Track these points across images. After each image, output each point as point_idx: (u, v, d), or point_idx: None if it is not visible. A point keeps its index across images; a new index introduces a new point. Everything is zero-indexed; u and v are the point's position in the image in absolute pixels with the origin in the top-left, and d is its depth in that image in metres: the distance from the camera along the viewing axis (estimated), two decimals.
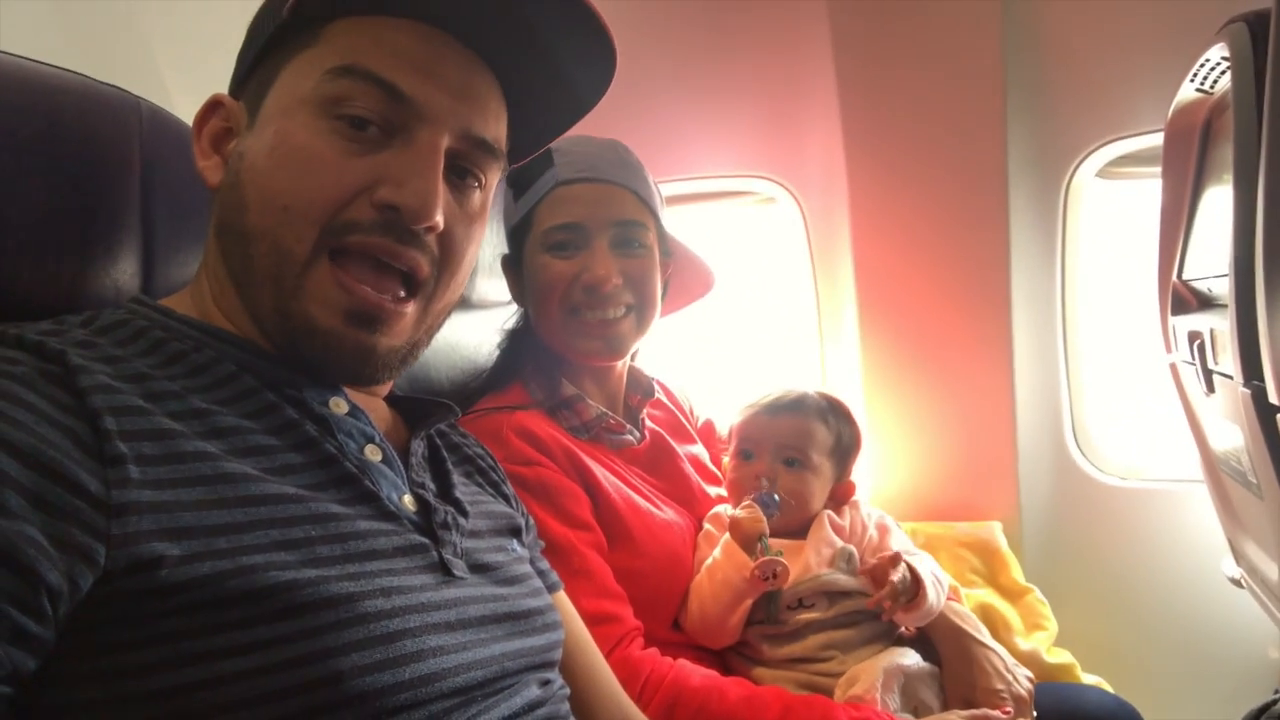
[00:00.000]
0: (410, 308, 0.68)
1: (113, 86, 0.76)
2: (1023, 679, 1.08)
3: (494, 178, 0.74)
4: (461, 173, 0.70)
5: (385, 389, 0.80)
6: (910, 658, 1.07)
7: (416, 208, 0.64)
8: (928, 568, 1.11)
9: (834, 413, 1.22)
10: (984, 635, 1.12)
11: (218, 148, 0.71)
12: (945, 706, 1.06)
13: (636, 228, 1.13)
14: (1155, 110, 1.33)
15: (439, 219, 0.65)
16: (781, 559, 1.05)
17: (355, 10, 0.66)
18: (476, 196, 0.72)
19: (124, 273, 0.75)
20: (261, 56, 0.69)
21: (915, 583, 1.07)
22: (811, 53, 1.67)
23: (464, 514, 0.73)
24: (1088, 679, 1.40)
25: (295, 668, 0.53)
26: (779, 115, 1.79)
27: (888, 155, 1.72)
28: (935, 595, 1.09)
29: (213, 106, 0.72)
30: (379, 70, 0.64)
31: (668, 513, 1.14)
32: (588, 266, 1.10)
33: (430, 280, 0.69)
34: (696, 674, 0.99)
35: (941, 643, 1.12)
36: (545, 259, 1.12)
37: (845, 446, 1.22)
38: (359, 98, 0.64)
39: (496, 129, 0.72)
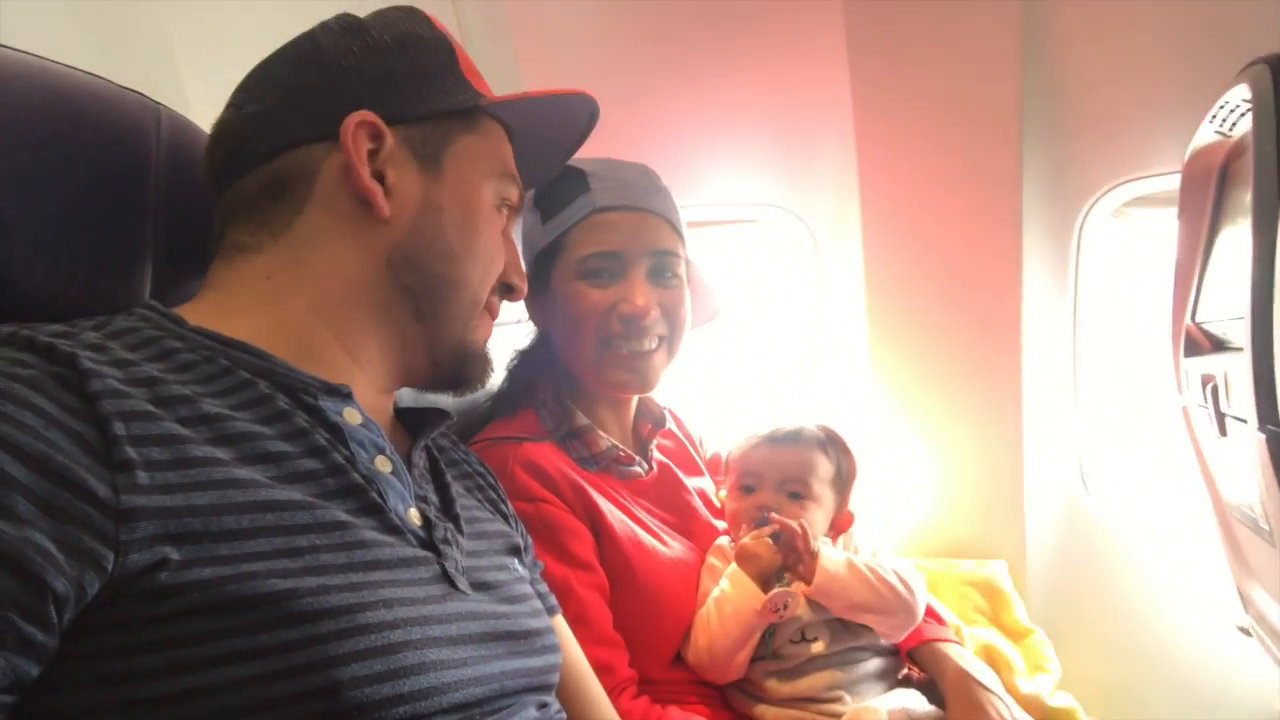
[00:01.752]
0: None
1: (133, 91, 0.76)
2: None
3: None
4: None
5: (393, 398, 0.80)
6: (916, 701, 1.05)
7: (525, 290, 0.85)
8: (857, 559, 1.09)
9: (832, 443, 1.21)
10: (989, 680, 1.09)
11: (374, 174, 0.72)
12: None
13: (671, 257, 1.12)
14: (1173, 152, 1.32)
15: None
16: (792, 589, 1.03)
17: (493, 111, 0.81)
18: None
19: (138, 278, 0.75)
20: (424, 109, 0.75)
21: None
22: (826, 80, 1.68)
23: (461, 531, 0.73)
24: None
25: (294, 676, 0.52)
26: (789, 141, 1.80)
27: (902, 190, 1.72)
28: (848, 573, 1.06)
29: (364, 125, 0.71)
30: (516, 185, 0.83)
31: (674, 547, 1.13)
32: (625, 297, 1.08)
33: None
34: None
35: (947, 686, 1.09)
36: (580, 286, 1.10)
37: (844, 477, 1.21)
38: (513, 198, 0.82)
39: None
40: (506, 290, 0.83)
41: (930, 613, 1.18)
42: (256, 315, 0.68)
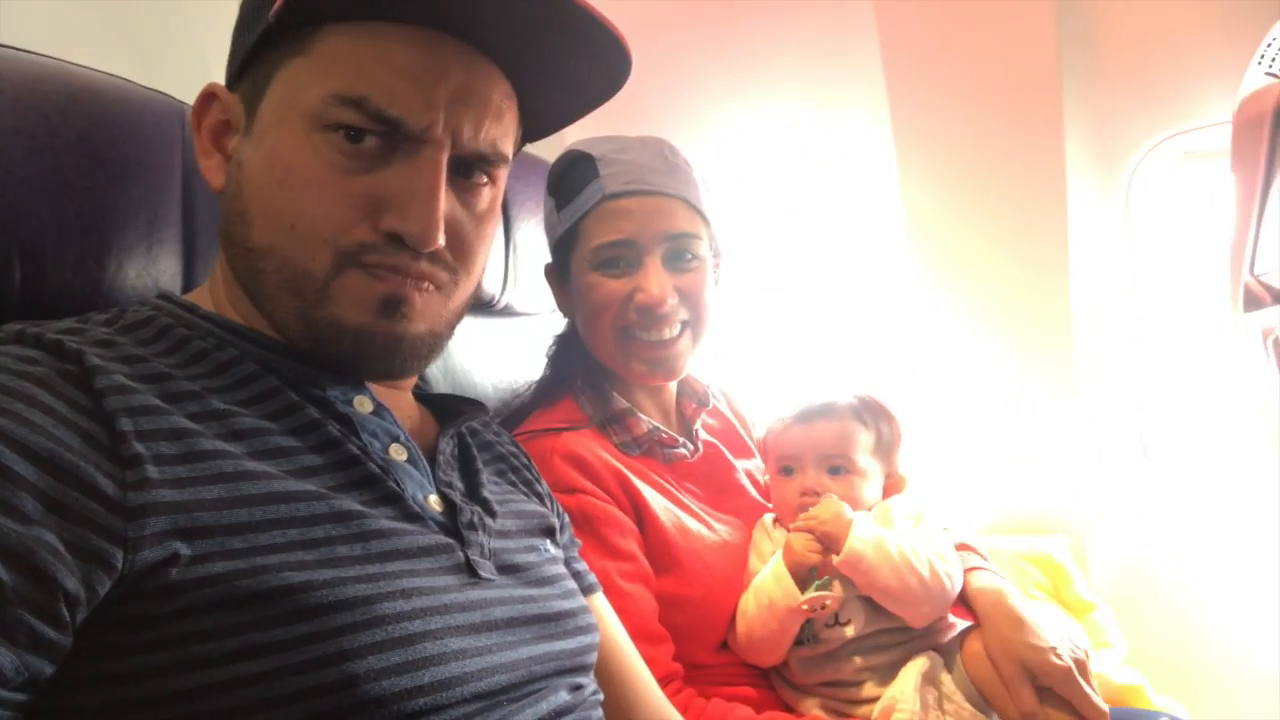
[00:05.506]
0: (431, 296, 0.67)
1: (156, 91, 0.78)
2: (1079, 642, 0.99)
3: (502, 175, 0.72)
4: (467, 171, 0.68)
5: (411, 383, 0.79)
6: (934, 662, 1.02)
7: (419, 235, 0.63)
8: (892, 537, 1.04)
9: (868, 410, 1.16)
10: (1021, 597, 1.04)
11: (218, 144, 0.68)
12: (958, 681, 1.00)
13: (689, 239, 1.08)
14: (1222, 100, 1.27)
15: (441, 241, 0.64)
16: (831, 592, 1.00)
17: (350, 15, 0.63)
18: (485, 194, 0.70)
19: (164, 274, 0.77)
20: (254, 52, 0.65)
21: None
22: (858, 51, 1.64)
23: (491, 514, 0.72)
24: (1159, 702, 1.33)
25: (309, 671, 0.52)
26: (819, 100, 1.75)
27: (940, 159, 1.67)
28: (876, 555, 1.01)
29: (208, 98, 0.68)
30: (383, 105, 0.62)
31: (720, 531, 1.11)
32: (641, 286, 1.05)
33: (448, 282, 0.69)
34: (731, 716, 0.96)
35: (979, 608, 1.03)
36: (595, 277, 1.07)
37: (886, 442, 1.16)
38: (362, 124, 0.62)
39: (501, 128, 0.69)
40: (395, 240, 0.63)
41: (961, 546, 1.13)
42: (241, 300, 0.68)
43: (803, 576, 1.03)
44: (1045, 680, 0.95)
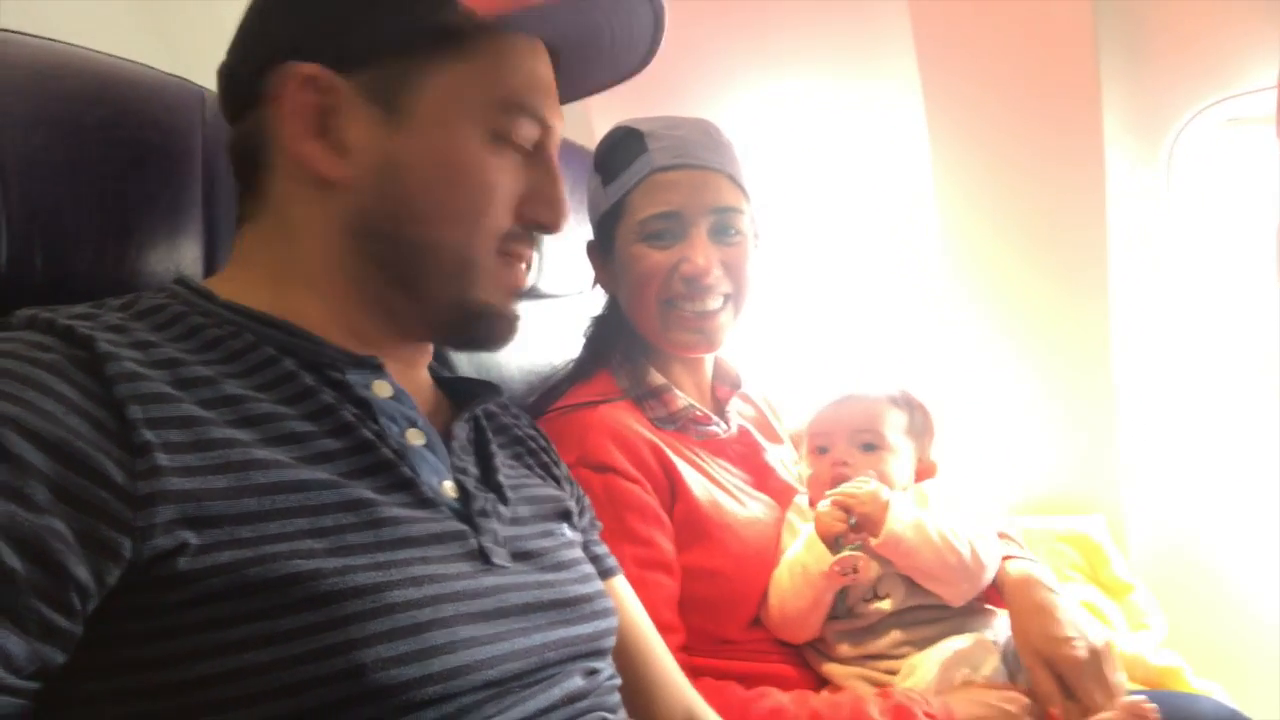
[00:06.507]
0: None
1: (176, 77, 0.78)
2: (1100, 633, 0.99)
3: None
4: None
5: (426, 360, 0.79)
6: (963, 640, 1.01)
7: (557, 222, 0.72)
8: (929, 518, 1.03)
9: (903, 396, 1.18)
10: (1052, 582, 1.03)
11: (320, 133, 0.65)
12: (1012, 671, 1.00)
13: (733, 213, 1.11)
14: (1268, 66, 1.22)
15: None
16: (862, 554, 1.01)
17: (494, 26, 0.68)
18: None
19: (186, 259, 0.77)
20: (387, 46, 0.65)
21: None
22: (889, 18, 1.61)
23: (505, 500, 0.71)
24: (1200, 685, 1.30)
25: (318, 660, 0.51)
26: (849, 78, 1.72)
27: (972, 132, 1.63)
28: (916, 535, 1.01)
29: (306, 80, 0.64)
30: (541, 110, 0.70)
31: (753, 508, 1.11)
32: (686, 257, 1.07)
33: None
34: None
35: (1008, 593, 1.04)
36: (641, 249, 1.09)
37: (919, 427, 1.18)
38: (525, 130, 0.70)
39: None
40: (537, 228, 0.72)
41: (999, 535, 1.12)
42: (267, 287, 0.67)
43: (833, 543, 1.03)
44: (1059, 670, 0.95)
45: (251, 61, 0.66)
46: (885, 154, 1.79)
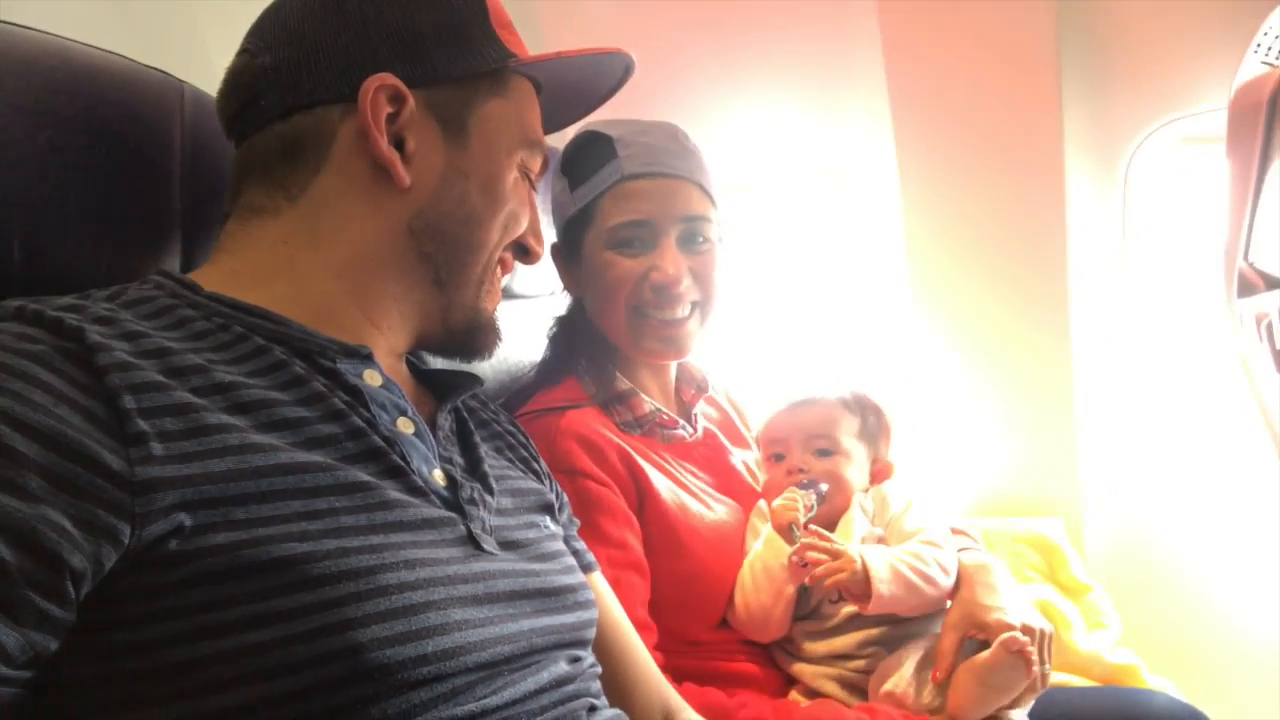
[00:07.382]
0: None
1: (155, 69, 0.78)
2: (1036, 615, 1.02)
3: None
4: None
5: (403, 356, 0.80)
6: (933, 641, 1.03)
7: (540, 247, 0.82)
8: (900, 560, 1.02)
9: (856, 400, 1.20)
10: (1002, 571, 1.07)
11: (391, 139, 0.70)
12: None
13: (701, 222, 1.11)
14: (1221, 87, 1.27)
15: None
16: (809, 500, 1.04)
17: (524, 71, 0.78)
18: None
19: (165, 252, 0.77)
20: (450, 73, 0.72)
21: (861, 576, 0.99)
22: (859, 44, 1.64)
23: (490, 491, 0.72)
24: (1154, 682, 1.34)
25: (313, 640, 0.52)
26: (820, 95, 1.76)
27: (940, 147, 1.67)
28: (899, 588, 1.00)
29: (396, 95, 0.69)
30: (545, 149, 0.81)
31: (719, 510, 1.12)
32: (656, 265, 1.07)
33: None
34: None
35: (963, 578, 1.06)
36: (610, 256, 1.09)
37: (872, 430, 1.19)
38: (536, 165, 0.80)
39: None
40: (522, 252, 0.81)
41: (954, 531, 1.15)
42: (274, 282, 0.67)
43: (788, 533, 1.04)
44: (981, 633, 0.99)
45: (325, 66, 0.69)
46: (852, 158, 1.82)
